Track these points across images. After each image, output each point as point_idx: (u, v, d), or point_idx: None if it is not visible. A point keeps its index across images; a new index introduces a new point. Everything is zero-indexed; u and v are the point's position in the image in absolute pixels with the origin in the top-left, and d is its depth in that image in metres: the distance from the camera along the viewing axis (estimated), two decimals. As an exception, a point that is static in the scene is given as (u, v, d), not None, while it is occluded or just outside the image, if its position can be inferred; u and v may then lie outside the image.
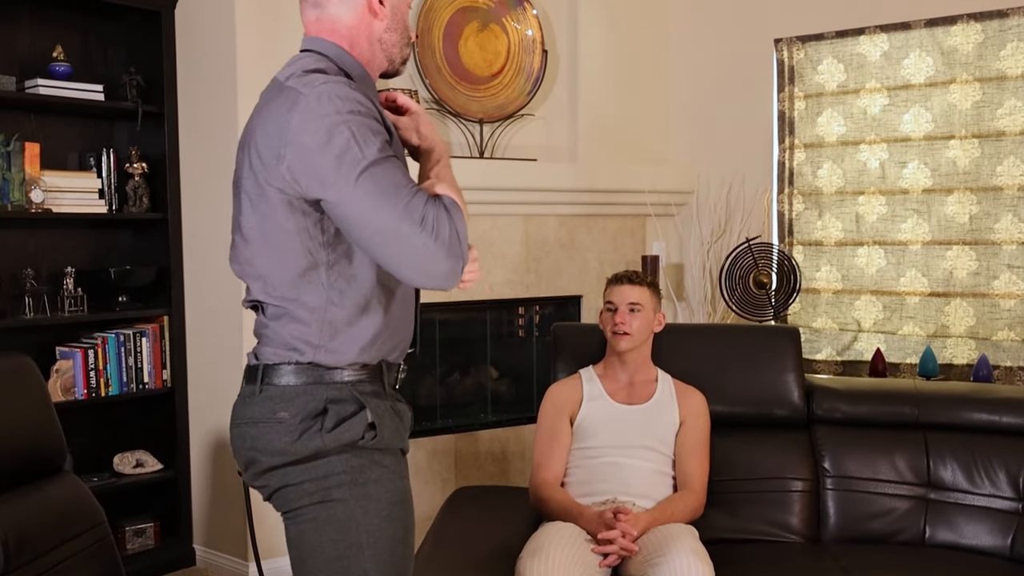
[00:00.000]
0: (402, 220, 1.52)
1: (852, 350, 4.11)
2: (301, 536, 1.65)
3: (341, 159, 1.52)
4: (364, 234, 1.55)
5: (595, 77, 4.37)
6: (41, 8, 3.55)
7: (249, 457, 1.66)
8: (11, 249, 3.47)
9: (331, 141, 1.52)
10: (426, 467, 3.94)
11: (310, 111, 1.54)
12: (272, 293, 1.65)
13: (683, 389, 2.85)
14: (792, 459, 2.87)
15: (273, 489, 1.66)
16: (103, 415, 3.72)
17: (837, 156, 4.11)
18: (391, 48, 1.75)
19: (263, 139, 1.59)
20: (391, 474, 1.67)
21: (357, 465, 1.63)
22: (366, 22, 1.70)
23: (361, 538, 1.63)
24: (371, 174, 1.52)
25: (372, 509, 1.63)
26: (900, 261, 3.98)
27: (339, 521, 1.62)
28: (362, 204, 1.52)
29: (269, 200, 1.60)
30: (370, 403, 1.64)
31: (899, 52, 3.94)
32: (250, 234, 1.65)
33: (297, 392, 1.62)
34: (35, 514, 2.22)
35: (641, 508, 2.60)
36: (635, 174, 4.35)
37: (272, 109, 1.59)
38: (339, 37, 1.69)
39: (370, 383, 1.67)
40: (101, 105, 3.55)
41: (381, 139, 1.56)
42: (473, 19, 4.07)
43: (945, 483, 2.76)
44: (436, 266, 1.55)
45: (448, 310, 4.04)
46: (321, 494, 1.62)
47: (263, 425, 1.63)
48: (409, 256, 1.54)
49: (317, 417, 1.61)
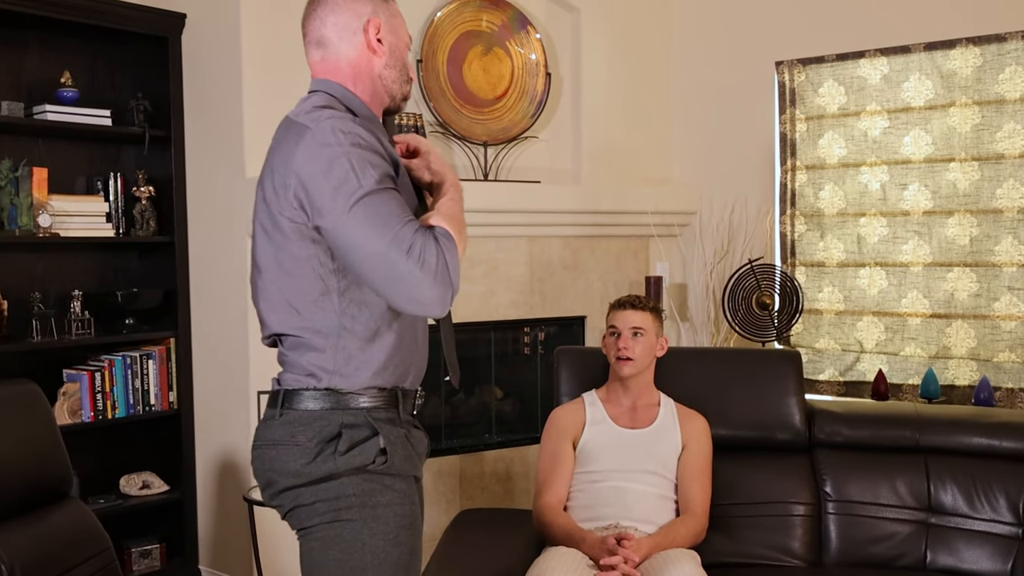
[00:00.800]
0: (390, 248, 1.59)
1: (854, 371, 4.13)
2: (310, 554, 1.71)
3: (338, 189, 1.60)
4: (355, 260, 1.63)
5: (598, 99, 4.41)
6: (49, 34, 3.60)
7: (267, 478, 1.74)
8: (19, 273, 3.51)
9: (330, 171, 1.61)
10: (431, 488, 3.96)
11: (315, 143, 1.63)
12: (287, 323, 1.72)
13: (685, 413, 2.87)
14: (794, 483, 2.89)
15: (288, 509, 1.74)
16: (110, 437, 3.75)
17: (838, 178, 4.14)
18: (391, 84, 1.83)
19: (275, 172, 1.69)
20: (401, 499, 1.73)
21: (368, 489, 1.69)
22: (366, 59, 1.79)
23: (366, 559, 1.68)
24: (365, 204, 1.60)
25: (379, 531, 1.69)
26: (901, 282, 4.00)
27: (346, 541, 1.68)
28: (354, 231, 1.60)
29: (281, 229, 1.68)
30: (383, 429, 1.71)
31: (899, 75, 3.97)
32: (265, 264, 1.74)
33: (314, 417, 1.70)
34: (42, 541, 2.25)
35: (643, 533, 2.62)
36: (638, 195, 4.38)
37: (283, 144, 1.69)
38: (343, 76, 1.79)
39: (385, 410, 1.74)
40: (108, 130, 3.59)
41: (380, 172, 1.64)
42: (477, 43, 4.10)
43: (946, 507, 2.78)
44: (422, 293, 1.62)
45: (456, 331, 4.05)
46: (332, 514, 1.68)
47: (281, 447, 1.71)
48: (397, 282, 1.61)
49: (332, 441, 1.69)
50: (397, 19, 1.85)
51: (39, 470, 2.33)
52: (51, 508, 2.34)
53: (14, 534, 2.19)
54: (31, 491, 2.30)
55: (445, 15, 3.99)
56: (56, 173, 3.58)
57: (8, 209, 3.33)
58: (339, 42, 1.78)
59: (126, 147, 3.80)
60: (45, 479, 2.35)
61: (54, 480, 2.38)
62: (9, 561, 2.13)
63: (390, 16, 1.82)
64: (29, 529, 2.23)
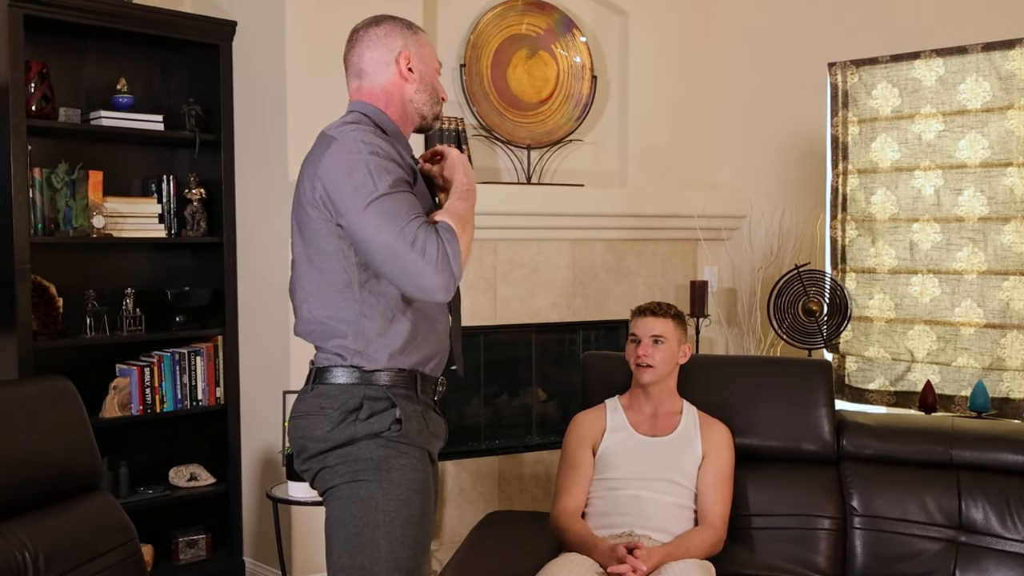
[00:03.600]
0: (396, 241, 1.82)
1: (905, 380, 4.01)
2: (332, 513, 1.94)
3: (357, 191, 1.85)
4: (370, 252, 1.86)
5: (645, 102, 4.38)
6: (107, 43, 3.75)
7: (300, 445, 1.99)
8: (75, 272, 3.66)
9: (351, 175, 1.87)
10: (470, 488, 4.00)
11: (339, 151, 1.90)
12: (316, 311, 1.97)
13: (707, 422, 2.84)
14: (819, 496, 2.83)
15: (315, 472, 1.98)
16: (160, 430, 3.89)
17: (891, 182, 4.03)
18: (421, 107, 2.09)
19: (306, 178, 1.96)
20: (415, 465, 1.95)
21: (384, 455, 1.92)
22: (398, 86, 2.06)
23: (378, 517, 1.89)
24: (378, 204, 1.84)
25: (392, 492, 1.90)
26: (955, 291, 3.87)
27: (362, 500, 1.90)
28: (368, 227, 1.84)
29: (312, 227, 1.94)
30: (400, 403, 1.94)
31: (955, 77, 3.84)
32: (299, 257, 2.00)
33: (341, 390, 1.94)
34: (66, 531, 2.34)
35: (658, 542, 2.61)
36: (684, 199, 4.34)
37: (314, 152, 1.97)
38: (376, 99, 2.06)
39: (404, 388, 1.97)
40: (161, 134, 3.72)
41: (395, 177, 1.88)
42: (522, 47, 4.12)
43: (977, 526, 2.69)
44: (425, 281, 1.84)
45: (493, 332, 4.09)
46: (351, 475, 1.91)
47: (311, 417, 1.96)
48: (403, 272, 1.84)
49: (354, 411, 1.93)
50: (426, 48, 2.10)
51: (67, 462, 2.43)
52: (78, 500, 2.44)
53: (40, 524, 2.29)
54: (58, 483, 2.40)
55: (489, 19, 4.02)
56: (114, 176, 3.73)
57: (64, 211, 3.49)
58: (375, 74, 2.05)
59: (180, 150, 3.93)
60: (74, 471, 2.45)
61: (83, 473, 2.48)
62: (34, 549, 2.23)
63: (420, 47, 2.08)
64: (55, 520, 2.33)
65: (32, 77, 3.40)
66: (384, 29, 2.06)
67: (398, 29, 2.06)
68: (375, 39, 2.05)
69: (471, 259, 3.90)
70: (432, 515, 2.01)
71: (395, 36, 2.05)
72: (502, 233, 3.98)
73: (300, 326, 2.03)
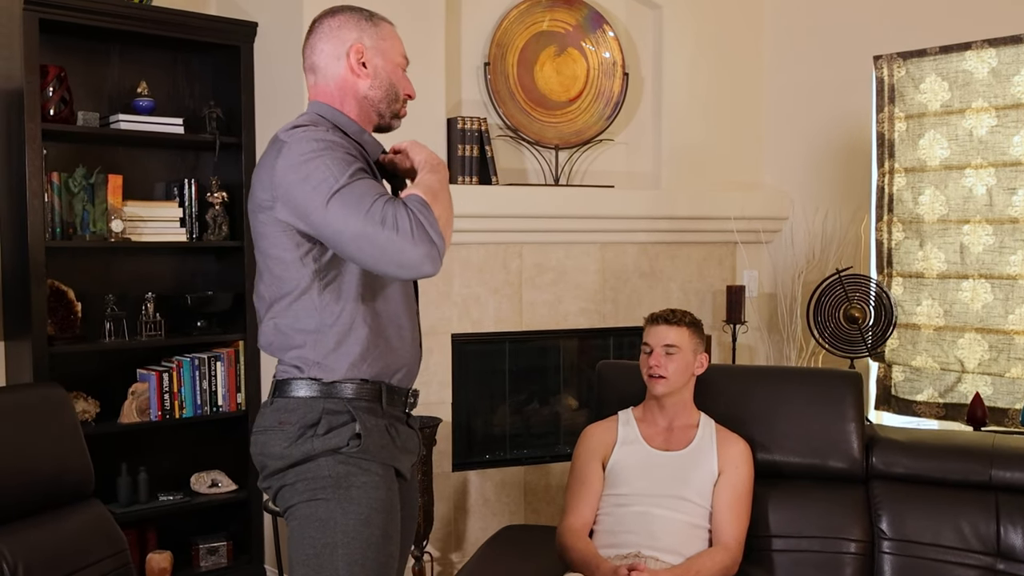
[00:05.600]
0: (366, 224, 1.72)
1: (956, 392, 3.78)
2: (291, 532, 1.86)
3: (316, 189, 1.76)
4: (343, 243, 1.76)
5: (680, 99, 4.22)
6: (130, 46, 3.73)
7: (260, 462, 1.91)
8: (95, 276, 3.65)
9: (308, 177, 1.77)
10: (494, 499, 3.89)
11: (292, 155, 1.81)
12: (276, 321, 1.90)
13: (725, 436, 2.68)
14: (845, 517, 2.64)
15: (275, 490, 1.90)
16: (184, 436, 3.86)
17: (940, 181, 3.79)
18: (378, 104, 1.98)
19: (260, 185, 1.87)
20: (378, 482, 1.85)
21: (344, 472, 1.83)
22: (350, 82, 1.95)
23: (337, 538, 1.80)
24: (339, 196, 1.75)
25: (352, 512, 1.81)
26: (1008, 297, 3.62)
27: (320, 520, 1.81)
28: (335, 221, 1.75)
29: (269, 236, 1.87)
30: (361, 416, 1.85)
31: (1009, 68, 3.60)
32: (260, 267, 1.93)
33: (300, 404, 1.86)
34: (50, 542, 2.31)
35: (666, 564, 2.46)
36: (722, 200, 4.17)
37: (267, 159, 1.87)
38: (331, 98, 1.97)
39: (368, 401, 1.88)
40: (181, 138, 3.69)
41: (352, 167, 1.79)
42: (550, 44, 4.00)
43: (1016, 553, 2.48)
44: (406, 256, 1.73)
45: (519, 338, 3.97)
46: (309, 493, 1.83)
47: (270, 432, 1.88)
48: (382, 253, 1.73)
49: (313, 426, 1.84)
50: (388, 41, 1.98)
51: (57, 471, 2.40)
52: (67, 510, 2.41)
53: (24, 534, 2.26)
54: (47, 493, 2.37)
55: (514, 16, 3.90)
56: (137, 179, 3.72)
57: (81, 215, 3.47)
58: (326, 68, 1.96)
59: (203, 154, 3.90)
60: (63, 480, 2.42)
61: (73, 483, 2.44)
62: (12, 560, 2.19)
63: (379, 39, 1.97)
64: (39, 530, 2.30)
65: (50, 81, 3.39)
66: (339, 20, 1.95)
67: (354, 20, 1.95)
68: (328, 31, 1.95)
69: (494, 263, 3.80)
70: (396, 535, 1.89)
71: (350, 28, 1.94)
72: (528, 236, 3.86)
73: (260, 337, 1.96)
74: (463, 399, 3.83)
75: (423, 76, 3.48)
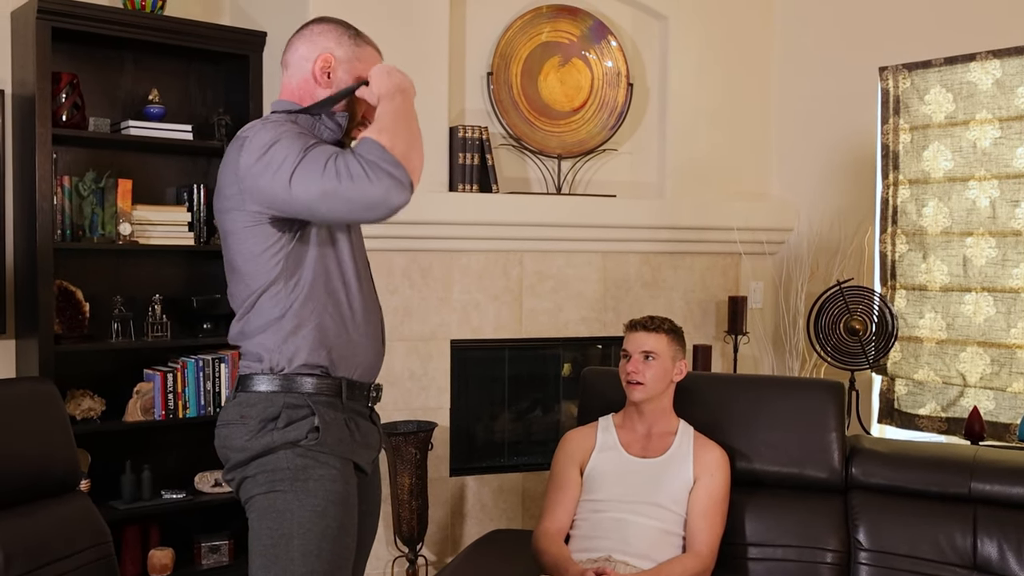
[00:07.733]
0: (325, 183, 1.78)
1: (958, 406, 3.73)
2: (251, 525, 1.92)
3: (278, 172, 1.82)
4: (316, 210, 1.82)
5: (685, 110, 4.23)
6: (143, 55, 3.84)
7: (223, 455, 1.98)
8: (103, 278, 3.75)
9: (269, 163, 1.84)
10: (491, 504, 3.92)
11: (252, 147, 1.88)
12: (248, 316, 1.96)
13: (702, 443, 2.68)
14: (823, 527, 2.64)
15: (238, 482, 1.96)
16: (189, 436, 3.93)
17: (943, 193, 3.76)
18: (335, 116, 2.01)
19: (226, 181, 1.93)
20: (335, 475, 1.89)
21: (302, 464, 1.87)
22: (311, 87, 2.00)
23: (293, 528, 1.84)
24: (298, 169, 1.81)
25: (308, 503, 1.85)
26: (1011, 310, 3.58)
27: (277, 511, 1.86)
28: (301, 193, 1.81)
29: (238, 233, 1.93)
30: (321, 411, 1.90)
31: (1013, 80, 3.57)
32: (228, 266, 2.00)
33: (261, 398, 1.91)
34: (39, 528, 2.37)
35: (635, 568, 2.47)
36: (725, 210, 4.17)
37: (230, 157, 1.93)
38: (292, 95, 2.02)
39: (328, 395, 1.93)
40: (191, 144, 3.78)
41: (307, 141, 1.85)
42: (554, 54, 4.04)
43: (991, 566, 2.45)
44: (369, 196, 1.78)
45: (518, 346, 4.00)
46: (268, 485, 1.88)
47: (232, 426, 1.94)
48: (349, 203, 1.79)
49: (273, 420, 1.89)
50: (362, 63, 2.00)
51: (43, 463, 2.46)
52: (52, 501, 2.47)
53: (5, 523, 2.32)
54: (32, 483, 2.44)
55: (518, 27, 3.95)
56: (147, 184, 3.81)
57: (90, 218, 3.58)
58: (295, 67, 2.01)
59: (213, 160, 3.99)
60: (50, 472, 2.49)
61: (59, 475, 2.51)
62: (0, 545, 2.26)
63: (354, 58, 1.99)
64: (22, 519, 2.35)
65: (63, 87, 3.50)
66: (322, 28, 2.01)
67: (336, 32, 2.00)
68: (309, 34, 2.00)
69: (494, 270, 3.84)
70: (353, 528, 1.93)
71: (328, 38, 1.99)
72: (529, 244, 3.90)
73: (230, 330, 2.02)
74: (462, 405, 3.87)
75: (426, 85, 3.53)
